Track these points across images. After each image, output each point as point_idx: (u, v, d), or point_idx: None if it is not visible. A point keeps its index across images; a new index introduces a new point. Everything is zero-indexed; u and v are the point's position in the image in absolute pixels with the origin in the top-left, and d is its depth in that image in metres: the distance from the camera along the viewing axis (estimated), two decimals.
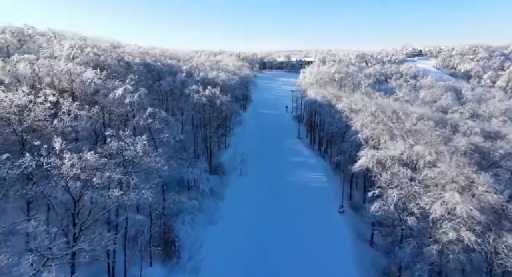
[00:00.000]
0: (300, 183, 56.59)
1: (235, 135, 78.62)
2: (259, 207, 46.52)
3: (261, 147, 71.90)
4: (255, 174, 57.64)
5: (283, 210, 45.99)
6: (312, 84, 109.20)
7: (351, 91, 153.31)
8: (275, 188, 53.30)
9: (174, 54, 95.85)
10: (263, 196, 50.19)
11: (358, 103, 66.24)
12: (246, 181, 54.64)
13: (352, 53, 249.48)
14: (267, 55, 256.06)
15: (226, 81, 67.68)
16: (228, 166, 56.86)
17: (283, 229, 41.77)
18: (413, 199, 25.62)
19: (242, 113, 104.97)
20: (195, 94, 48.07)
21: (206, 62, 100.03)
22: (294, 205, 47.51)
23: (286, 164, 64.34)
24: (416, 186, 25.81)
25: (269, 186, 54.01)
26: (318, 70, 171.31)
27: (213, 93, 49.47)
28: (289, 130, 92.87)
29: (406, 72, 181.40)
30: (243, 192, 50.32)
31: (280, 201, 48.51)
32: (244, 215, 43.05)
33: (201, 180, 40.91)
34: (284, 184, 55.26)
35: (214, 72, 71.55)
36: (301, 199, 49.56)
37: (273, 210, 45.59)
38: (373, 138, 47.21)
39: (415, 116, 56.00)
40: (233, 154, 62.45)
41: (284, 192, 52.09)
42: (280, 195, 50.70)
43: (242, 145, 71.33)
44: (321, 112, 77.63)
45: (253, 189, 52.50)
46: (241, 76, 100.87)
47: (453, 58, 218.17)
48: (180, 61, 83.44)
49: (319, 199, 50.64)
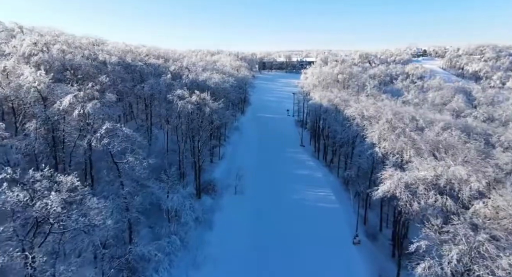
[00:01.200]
0: (306, 203, 48.39)
1: (231, 143, 70.28)
2: (257, 236, 38.32)
3: (260, 158, 63.65)
4: (253, 192, 49.36)
5: (286, 241, 37.82)
6: (315, 86, 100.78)
7: (355, 92, 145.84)
8: (277, 211, 45.09)
9: (164, 52, 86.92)
10: (262, 221, 41.97)
11: (370, 109, 58.01)
12: (242, 201, 46.36)
13: (354, 53, 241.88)
14: (266, 55, 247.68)
15: (219, 83, 59.24)
16: (221, 183, 48.62)
17: (287, 267, 33.68)
18: (480, 258, 17.51)
19: (240, 116, 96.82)
20: (179, 100, 39.75)
21: (200, 61, 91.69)
22: (299, 234, 39.32)
23: (289, 179, 56.12)
24: (482, 238, 17.69)
25: (270, 208, 45.79)
26: (320, 70, 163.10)
27: (202, 99, 41.10)
28: (291, 136, 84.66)
29: (413, 73, 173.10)
30: (238, 217, 42.04)
31: (282, 229, 40.30)
32: (237, 250, 34.85)
33: (183, 209, 32.70)
34: (287, 205, 47.07)
35: (205, 73, 62.99)
36: (308, 225, 41.34)
37: (274, 242, 37.42)
38: (394, 152, 38.95)
39: (440, 125, 47.81)
40: (228, 168, 54.20)
41: (288, 215, 43.87)
42: (282, 220, 42.47)
43: (238, 156, 63.07)
44: (326, 117, 69.35)
45: (250, 212, 44.24)
46: (238, 77, 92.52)
47: (460, 58, 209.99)
48: (169, 61, 74.96)
49: (329, 225, 42.37)
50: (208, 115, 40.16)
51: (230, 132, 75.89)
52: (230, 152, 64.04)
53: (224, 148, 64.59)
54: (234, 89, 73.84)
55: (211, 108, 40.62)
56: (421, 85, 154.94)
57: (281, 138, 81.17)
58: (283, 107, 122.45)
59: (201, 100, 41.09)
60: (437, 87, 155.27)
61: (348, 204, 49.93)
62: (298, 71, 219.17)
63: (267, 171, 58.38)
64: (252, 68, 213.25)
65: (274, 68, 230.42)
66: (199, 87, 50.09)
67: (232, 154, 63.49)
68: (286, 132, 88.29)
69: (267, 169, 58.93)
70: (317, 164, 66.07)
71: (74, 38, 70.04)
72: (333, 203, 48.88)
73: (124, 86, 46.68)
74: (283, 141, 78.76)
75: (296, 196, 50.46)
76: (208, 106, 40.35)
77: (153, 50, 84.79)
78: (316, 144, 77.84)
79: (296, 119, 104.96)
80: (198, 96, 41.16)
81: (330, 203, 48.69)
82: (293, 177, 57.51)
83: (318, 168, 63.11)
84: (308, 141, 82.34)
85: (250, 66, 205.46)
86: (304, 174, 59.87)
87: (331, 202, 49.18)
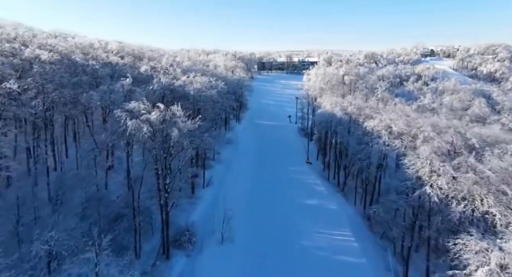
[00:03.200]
0: (319, 254, 35.13)
1: (222, 162, 56.88)
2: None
3: (258, 182, 50.30)
4: (246, 238, 36.02)
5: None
6: (323, 90, 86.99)
7: (364, 96, 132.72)
8: (279, 268, 31.92)
9: (139, 50, 72.59)
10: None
11: (400, 121, 44.80)
12: (231, 255, 33.03)
13: (359, 53, 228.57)
14: (266, 55, 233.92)
15: (204, 90, 45.37)
16: (202, 228, 35.39)
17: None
18: None
19: (235, 125, 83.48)
20: (128, 120, 26.36)
21: (187, 61, 77.95)
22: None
23: (295, 213, 42.86)
24: None
25: (269, 263, 32.59)
26: (325, 71, 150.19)
27: (170, 115, 27.58)
28: (294, 149, 71.35)
29: (425, 74, 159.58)
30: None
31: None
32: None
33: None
34: (293, 257, 33.90)
35: (185, 76, 48.82)
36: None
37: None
38: (459, 197, 25.70)
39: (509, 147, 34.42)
40: (214, 203, 40.90)
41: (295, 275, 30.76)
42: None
43: (230, 180, 49.72)
44: (339, 130, 56.00)
45: (243, 272, 30.98)
46: (233, 80, 78.82)
47: (473, 58, 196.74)
48: (143, 60, 61.06)
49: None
50: (176, 141, 26.70)
51: (221, 147, 62.52)
52: (219, 176, 50.51)
53: (212, 171, 51.07)
54: (225, 96, 60.56)
55: (180, 129, 27.16)
56: (435, 87, 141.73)
57: (283, 152, 67.90)
58: (284, 112, 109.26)
59: (169, 116, 27.70)
60: (452, 89, 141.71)
61: (375, 254, 36.77)
62: (299, 72, 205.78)
63: (266, 201, 45.06)
64: (251, 69, 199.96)
65: (274, 68, 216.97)
66: (175, 95, 36.99)
67: (222, 178, 49.98)
68: (289, 143, 74.96)
69: (266, 199, 45.61)
70: (329, 190, 52.74)
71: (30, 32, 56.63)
72: (357, 254, 35.46)
73: (60, 93, 33.40)
74: (285, 156, 65.51)
75: (306, 242, 37.16)
76: (177, 127, 26.87)
77: (128, 47, 70.98)
78: (325, 160, 64.65)
79: (300, 127, 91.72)
80: (164, 111, 27.75)
81: (353, 255, 35.27)
82: (300, 210, 44.17)
83: (330, 196, 49.75)
84: (315, 155, 69.07)
85: (249, 67, 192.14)
86: (314, 205, 46.51)
87: (354, 252, 35.75)
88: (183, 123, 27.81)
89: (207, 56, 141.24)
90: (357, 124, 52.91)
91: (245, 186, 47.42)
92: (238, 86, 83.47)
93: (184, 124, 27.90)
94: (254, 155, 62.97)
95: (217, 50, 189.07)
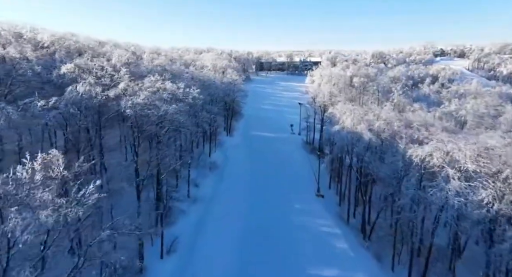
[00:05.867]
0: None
1: (198, 202, 39.95)
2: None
3: (249, 245, 33.48)
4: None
5: None
6: (333, 95, 69.98)
7: (375, 100, 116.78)
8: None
9: (84, 44, 54.57)
10: None
11: (467, 150, 28.46)
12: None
13: (365, 52, 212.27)
14: (265, 55, 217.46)
15: (158, 104, 26.32)
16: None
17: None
18: None
19: (225, 140, 66.94)
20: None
21: (156, 60, 60.97)
22: None
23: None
24: None
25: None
26: (330, 72, 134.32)
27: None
28: (301, 174, 54.90)
29: (442, 75, 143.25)
30: None
31: None
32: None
33: None
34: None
35: (121, 84, 30.28)
36: None
37: None
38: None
39: None
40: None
41: None
42: None
43: (206, 244, 32.71)
44: (362, 153, 39.47)
45: None
46: (218, 85, 61.55)
47: (490, 57, 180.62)
48: (84, 54, 43.88)
49: None
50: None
51: (202, 175, 45.89)
52: (189, 233, 33.44)
53: (181, 224, 34.00)
54: (203, 107, 43.88)
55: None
56: (455, 90, 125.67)
57: (286, 180, 51.64)
58: (285, 120, 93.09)
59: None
60: (474, 93, 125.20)
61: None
62: (301, 73, 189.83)
63: (264, 270, 28.76)
64: (248, 69, 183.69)
65: (273, 69, 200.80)
66: (101, 114, 21.15)
67: (195, 236, 33.02)
68: (293, 165, 58.65)
69: (264, 265, 29.29)
70: (352, 244, 36.22)
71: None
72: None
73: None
74: (289, 186, 49.28)
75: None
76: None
77: (70, 36, 53.74)
78: (340, 190, 48.42)
79: (305, 141, 75.44)
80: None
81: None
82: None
83: (356, 259, 33.35)
84: (327, 182, 52.85)
85: (246, 67, 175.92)
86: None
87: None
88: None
89: (199, 55, 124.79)
90: (394, 148, 36.69)
91: (230, 251, 30.74)
92: (229, 90, 66.96)
93: None
94: (247, 188, 46.24)
95: (212, 49, 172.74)
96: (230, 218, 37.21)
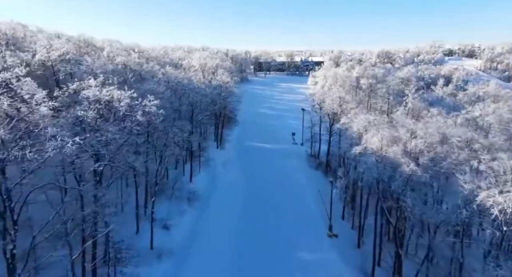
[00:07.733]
0: None
1: (170, 255, 28.68)
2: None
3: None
4: None
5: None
6: (344, 101, 57.69)
7: (385, 103, 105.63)
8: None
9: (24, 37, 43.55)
10: None
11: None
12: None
13: (369, 52, 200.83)
14: (264, 54, 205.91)
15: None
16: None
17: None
18: None
19: (214, 154, 55.57)
20: None
21: (117, 57, 49.21)
22: None
23: None
24: None
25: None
26: (335, 73, 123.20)
27: None
28: (307, 203, 43.43)
29: (456, 76, 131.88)
30: None
31: None
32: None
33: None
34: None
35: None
36: None
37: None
38: None
39: None
40: None
41: None
42: None
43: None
44: (398, 190, 28.21)
45: None
46: (201, 90, 49.78)
47: (504, 57, 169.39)
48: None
49: None
50: None
51: (178, 210, 34.61)
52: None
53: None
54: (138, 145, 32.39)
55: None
56: (472, 92, 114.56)
57: (288, 209, 40.46)
58: (285, 126, 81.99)
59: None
60: (493, 95, 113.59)
61: None
62: (302, 74, 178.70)
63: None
64: (246, 70, 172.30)
65: (272, 69, 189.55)
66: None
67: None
68: (297, 188, 47.28)
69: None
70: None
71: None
72: None
73: None
74: (294, 222, 37.89)
75: None
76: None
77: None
78: (359, 225, 37.13)
79: (309, 153, 64.16)
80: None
81: None
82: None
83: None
84: (339, 211, 41.57)
85: (243, 68, 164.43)
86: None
87: None
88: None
89: (189, 54, 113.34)
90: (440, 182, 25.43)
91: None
92: (218, 95, 55.41)
93: None
94: (238, 229, 34.65)
95: (207, 48, 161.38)
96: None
